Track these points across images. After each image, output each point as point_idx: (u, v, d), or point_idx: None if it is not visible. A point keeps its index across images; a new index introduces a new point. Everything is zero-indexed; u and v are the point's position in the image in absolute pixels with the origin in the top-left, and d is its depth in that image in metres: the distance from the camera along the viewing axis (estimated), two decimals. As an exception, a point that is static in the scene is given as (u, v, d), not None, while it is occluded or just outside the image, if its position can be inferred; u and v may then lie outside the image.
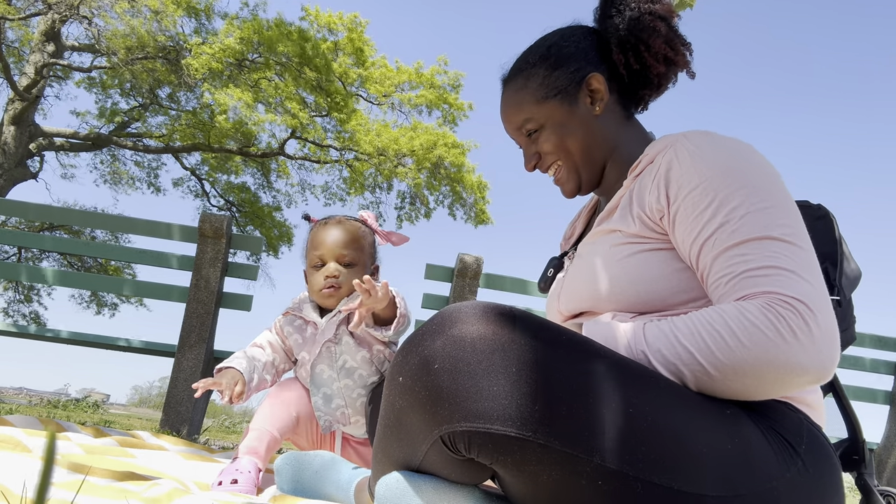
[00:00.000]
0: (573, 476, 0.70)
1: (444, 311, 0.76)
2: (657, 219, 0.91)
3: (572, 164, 1.08)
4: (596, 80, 1.05)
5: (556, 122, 1.05)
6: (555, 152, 1.07)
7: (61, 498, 0.87)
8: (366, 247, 1.57)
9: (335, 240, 1.52)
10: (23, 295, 14.18)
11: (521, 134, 1.10)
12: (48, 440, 0.25)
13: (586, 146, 1.06)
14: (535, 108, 1.06)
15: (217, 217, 3.19)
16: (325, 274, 1.50)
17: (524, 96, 1.07)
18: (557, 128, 1.06)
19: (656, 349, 0.80)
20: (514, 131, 1.12)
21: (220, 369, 1.45)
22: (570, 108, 1.05)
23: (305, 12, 12.64)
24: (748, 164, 0.86)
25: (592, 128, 1.06)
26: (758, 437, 0.76)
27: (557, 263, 1.18)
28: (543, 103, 1.06)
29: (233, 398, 1.37)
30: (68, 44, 11.77)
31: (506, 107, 1.11)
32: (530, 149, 1.10)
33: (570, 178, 1.09)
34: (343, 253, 1.51)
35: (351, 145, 12.78)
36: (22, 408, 5.05)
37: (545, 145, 1.07)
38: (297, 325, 1.57)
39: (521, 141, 1.12)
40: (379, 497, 0.80)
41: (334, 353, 1.50)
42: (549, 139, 1.06)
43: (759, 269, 0.78)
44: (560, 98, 1.05)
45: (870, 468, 1.27)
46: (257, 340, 1.59)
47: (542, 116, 1.06)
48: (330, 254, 1.51)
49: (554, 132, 1.06)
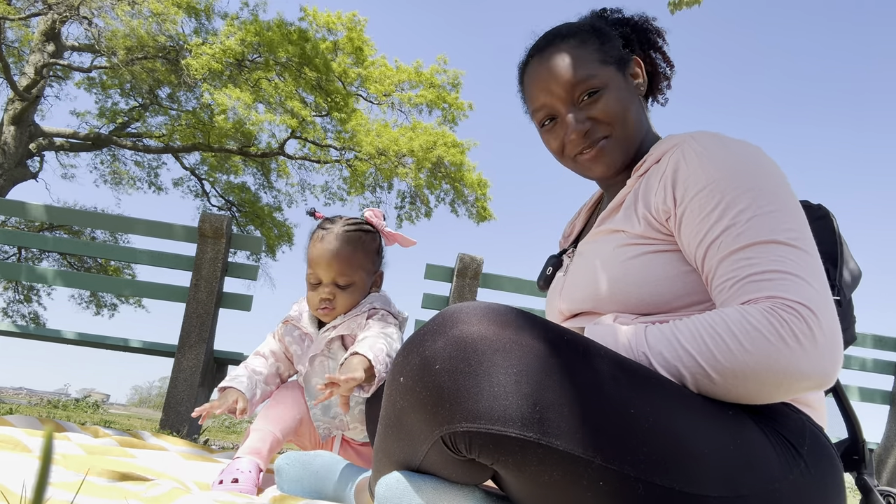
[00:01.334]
0: (574, 477, 0.69)
1: (445, 312, 0.76)
2: (663, 220, 0.90)
3: (625, 136, 1.00)
4: (637, 64, 1.05)
5: (617, 88, 1.00)
6: (612, 121, 0.99)
7: (61, 498, 0.86)
8: (365, 262, 1.49)
9: (331, 261, 1.45)
10: (22, 295, 14.17)
11: (573, 94, 0.99)
12: (45, 440, 0.25)
13: (637, 122, 1.02)
14: (599, 68, 0.99)
15: (217, 217, 3.19)
16: (320, 296, 1.47)
17: (585, 54, 1.00)
18: (620, 94, 0.99)
19: (658, 351, 0.79)
20: (567, 89, 0.99)
21: (222, 388, 1.44)
22: (626, 79, 1.02)
23: (304, 12, 12.64)
24: (756, 166, 0.86)
25: (639, 106, 1.04)
26: (760, 437, 0.76)
27: (556, 262, 1.17)
28: (607, 66, 1.00)
29: (236, 414, 1.36)
30: (68, 44, 11.77)
31: (558, 62, 1.00)
32: (580, 113, 0.99)
33: (614, 155, 1.01)
34: (339, 276, 1.46)
35: (351, 145, 12.77)
36: (22, 408, 5.05)
37: (606, 111, 0.98)
38: (297, 336, 1.56)
39: (566, 103, 1.00)
40: (379, 497, 0.80)
41: (327, 367, 1.49)
42: (611, 103, 0.98)
43: (765, 273, 0.78)
44: (617, 67, 1.01)
45: (870, 468, 1.26)
46: (260, 349, 1.58)
47: (605, 78, 0.99)
48: (325, 275, 1.46)
49: (615, 98, 0.99)
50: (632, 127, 1.01)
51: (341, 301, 1.47)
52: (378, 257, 1.55)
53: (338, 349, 1.49)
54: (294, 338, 1.56)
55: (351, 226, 1.50)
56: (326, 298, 1.46)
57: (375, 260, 1.54)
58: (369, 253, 1.51)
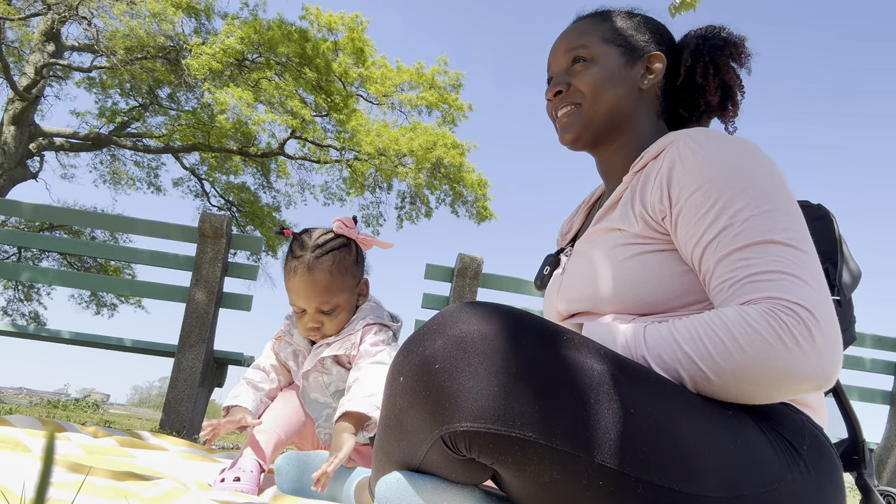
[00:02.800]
0: (574, 476, 0.69)
1: (445, 312, 0.76)
2: (659, 219, 0.90)
3: (593, 111, 1.04)
4: (659, 60, 1.05)
5: (606, 65, 1.03)
6: (585, 92, 1.03)
7: (61, 498, 0.86)
8: (345, 282, 1.46)
9: (309, 294, 1.42)
10: (22, 294, 14.18)
11: (566, 57, 1.07)
12: (47, 440, 0.25)
13: (615, 106, 1.04)
14: (597, 42, 1.05)
15: (217, 217, 3.19)
16: (308, 325, 1.46)
17: (593, 28, 1.06)
18: (604, 71, 1.03)
19: (656, 353, 0.79)
20: (563, 52, 1.07)
21: (227, 408, 1.44)
22: (626, 64, 1.04)
23: (306, 12, 12.64)
24: (753, 164, 0.85)
25: (631, 96, 1.04)
26: (760, 438, 0.76)
27: (554, 260, 1.16)
28: (607, 44, 1.04)
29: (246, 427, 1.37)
30: (68, 44, 11.77)
31: (570, 29, 1.09)
32: (565, 77, 1.06)
33: (579, 125, 1.05)
34: (321, 304, 1.43)
35: (351, 145, 12.77)
36: (22, 408, 5.05)
37: (583, 80, 1.03)
38: (290, 352, 1.56)
39: (560, 65, 1.08)
40: (379, 497, 0.80)
41: (323, 382, 1.48)
42: (590, 76, 1.03)
43: (763, 274, 0.78)
44: (623, 50, 1.04)
45: (870, 468, 1.26)
46: (260, 362, 1.57)
47: (598, 52, 1.04)
48: (308, 306, 1.44)
49: (599, 73, 1.03)
50: (604, 107, 1.03)
51: (329, 325, 1.47)
52: (358, 268, 1.51)
53: (332, 364, 1.48)
54: (288, 354, 1.55)
55: (321, 249, 1.44)
56: (314, 327, 1.46)
57: (355, 273, 1.50)
58: (347, 270, 1.46)
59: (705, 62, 1.05)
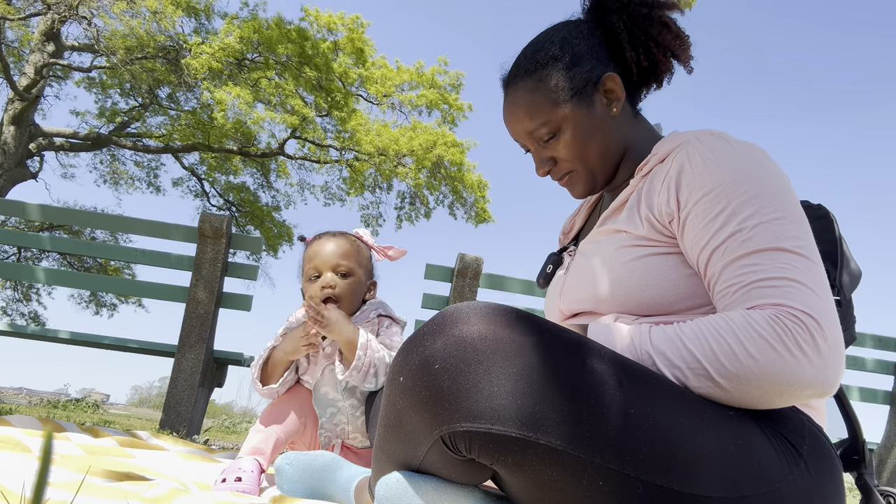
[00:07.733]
0: (574, 476, 0.69)
1: (445, 312, 0.76)
2: (666, 222, 0.90)
3: (589, 170, 1.03)
4: (612, 81, 1.00)
5: (574, 126, 0.99)
6: (572, 159, 1.01)
7: (61, 498, 0.86)
8: (362, 260, 1.55)
9: (331, 250, 1.50)
10: (22, 294, 14.17)
11: (533, 139, 1.03)
12: (45, 440, 0.25)
13: (604, 150, 1.02)
14: (551, 112, 0.99)
15: (217, 217, 3.19)
16: (322, 284, 1.48)
17: (538, 98, 1.00)
18: (576, 132, 0.99)
19: (661, 352, 0.79)
20: (525, 136, 1.03)
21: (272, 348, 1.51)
22: (588, 110, 1.00)
23: (305, 13, 12.63)
24: (761, 171, 0.85)
25: (609, 129, 1.01)
26: (760, 438, 0.76)
27: (556, 259, 1.16)
28: (560, 106, 0.99)
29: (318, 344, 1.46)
30: (68, 44, 11.76)
31: (515, 110, 1.02)
32: (543, 153, 1.03)
33: (585, 182, 1.04)
34: (339, 262, 1.49)
35: (351, 145, 12.76)
36: (22, 408, 5.05)
37: (563, 151, 1.01)
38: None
39: (531, 145, 1.05)
40: (379, 497, 0.80)
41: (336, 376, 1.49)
42: (567, 145, 1.00)
43: (770, 280, 0.78)
44: (577, 100, 0.99)
45: (870, 468, 1.26)
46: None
47: (559, 120, 0.99)
48: (325, 264, 1.49)
49: (573, 137, 1.00)
50: (596, 156, 1.02)
51: (342, 289, 1.49)
52: (371, 266, 1.61)
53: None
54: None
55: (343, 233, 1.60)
56: (329, 286, 1.48)
57: (369, 265, 1.59)
58: (364, 254, 1.57)
59: (643, 42, 1.01)
